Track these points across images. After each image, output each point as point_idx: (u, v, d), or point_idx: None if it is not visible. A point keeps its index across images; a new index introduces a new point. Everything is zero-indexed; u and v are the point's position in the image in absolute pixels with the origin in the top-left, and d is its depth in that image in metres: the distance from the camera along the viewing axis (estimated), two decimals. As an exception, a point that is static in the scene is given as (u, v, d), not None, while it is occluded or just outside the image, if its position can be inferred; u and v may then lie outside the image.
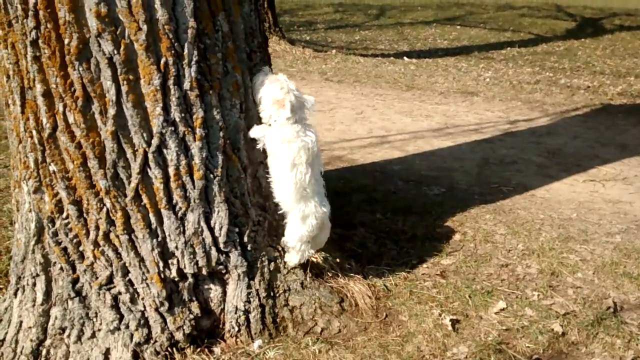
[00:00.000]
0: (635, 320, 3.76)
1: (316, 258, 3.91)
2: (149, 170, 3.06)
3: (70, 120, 2.93)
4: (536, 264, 4.50)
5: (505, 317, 3.81)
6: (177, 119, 3.05)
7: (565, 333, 3.65)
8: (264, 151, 3.45)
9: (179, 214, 3.14)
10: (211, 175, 3.19)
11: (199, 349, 3.32)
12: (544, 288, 4.15)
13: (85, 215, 3.09)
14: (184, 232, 3.17)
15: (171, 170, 3.09)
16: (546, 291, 4.11)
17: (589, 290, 4.14)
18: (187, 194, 3.14)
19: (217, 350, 3.36)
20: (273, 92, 3.31)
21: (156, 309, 3.18)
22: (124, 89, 2.91)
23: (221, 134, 3.22)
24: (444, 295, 4.06)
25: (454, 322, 3.73)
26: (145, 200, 3.07)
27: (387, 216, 5.40)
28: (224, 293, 3.41)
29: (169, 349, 3.23)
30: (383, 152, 7.46)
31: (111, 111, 2.93)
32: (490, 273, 4.39)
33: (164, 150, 3.07)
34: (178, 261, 3.19)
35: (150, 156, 3.03)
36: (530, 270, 4.43)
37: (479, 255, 4.68)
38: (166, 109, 3.02)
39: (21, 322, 3.28)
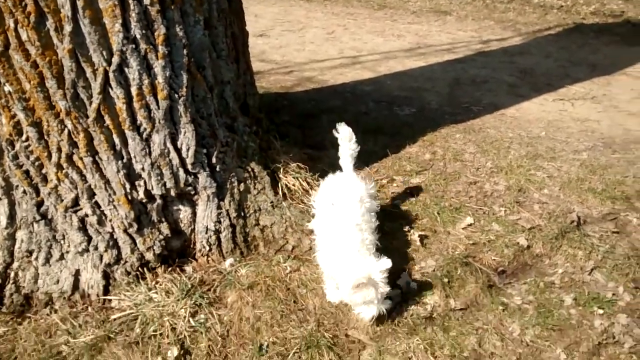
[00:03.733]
0: (597, 233, 3.88)
1: (287, 179, 3.90)
2: (110, 90, 2.95)
3: (24, 37, 2.78)
4: (504, 181, 4.57)
5: (473, 232, 3.89)
6: (138, 36, 2.91)
7: (530, 246, 3.75)
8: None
9: (144, 135, 3.06)
10: (176, 95, 3.10)
11: (170, 269, 3.34)
12: (510, 204, 4.23)
13: (46, 137, 2.99)
14: (149, 154, 3.10)
15: (134, 90, 2.99)
16: (513, 207, 4.19)
17: (555, 205, 4.23)
18: (152, 115, 3.05)
19: (188, 269, 3.39)
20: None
21: (125, 230, 3.16)
22: (80, 3, 2.75)
23: (185, 51, 3.10)
24: (413, 212, 4.11)
25: (423, 238, 3.80)
26: (108, 121, 2.98)
27: (358, 137, 5.32)
28: (194, 214, 3.40)
29: (139, 269, 3.24)
30: (354, 73, 7.35)
31: (67, 28, 2.77)
32: (459, 190, 4.45)
33: (125, 69, 2.95)
34: (145, 183, 3.15)
35: (111, 75, 2.92)
36: (498, 187, 4.50)
37: (448, 173, 4.73)
38: (126, 26, 2.88)
39: (-13, 246, 3.24)
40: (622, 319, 3.16)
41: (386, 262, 2.84)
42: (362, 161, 4.80)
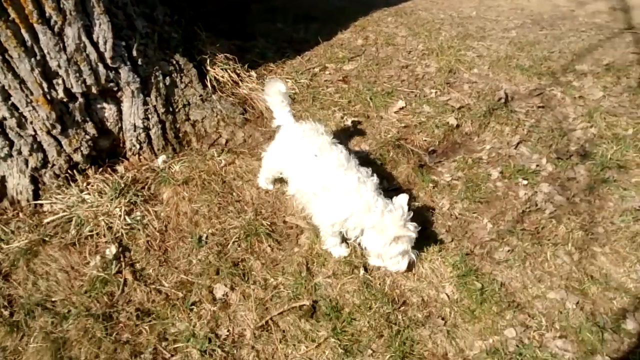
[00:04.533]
0: (523, 108, 4.00)
1: (215, 71, 3.79)
2: (9, -22, 2.70)
3: None
4: (435, 63, 4.59)
5: (405, 115, 3.94)
6: None
7: (459, 125, 3.84)
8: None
9: (56, 29, 2.85)
10: (85, -17, 2.88)
11: (101, 169, 3.26)
12: (441, 85, 4.27)
13: (-57, 36, 2.76)
14: (64, 49, 2.91)
15: (37, -22, 2.75)
16: (443, 88, 4.24)
17: (484, 84, 4.31)
18: (61, 6, 2.82)
19: (120, 168, 3.32)
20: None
21: (48, 132, 3.03)
22: None
23: None
24: (346, 99, 4.11)
25: (356, 124, 3.82)
26: (12, 14, 2.74)
27: (288, 25, 5.23)
28: (120, 111, 3.28)
29: (69, 171, 3.15)
30: (282, -42, 7.02)
31: None
32: (391, 75, 4.45)
33: (25, -45, 2.70)
34: (63, 81, 2.98)
35: (8, -38, 2.66)
36: (429, 69, 4.52)
37: (380, 58, 4.70)
38: None
39: None
40: (544, 188, 3.34)
41: (403, 197, 2.71)
42: (294, 50, 4.72)
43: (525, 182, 3.39)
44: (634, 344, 2.55)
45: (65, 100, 3.03)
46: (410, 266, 2.81)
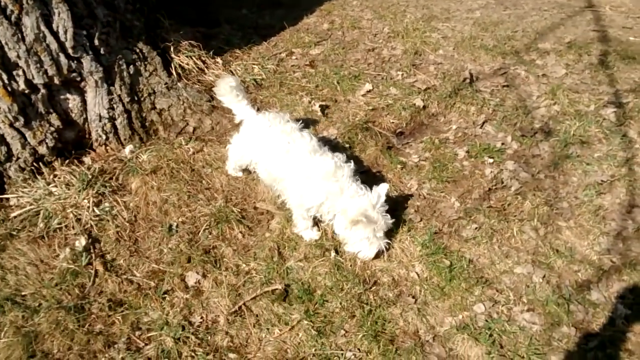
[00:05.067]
0: (488, 88, 4.05)
1: (180, 58, 3.76)
2: (-39, -34, 2.63)
3: None
4: (401, 45, 4.61)
5: (372, 98, 3.96)
6: None
7: (426, 106, 3.88)
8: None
9: (13, 18, 2.79)
10: (42, -30, 2.82)
11: (67, 161, 3.22)
12: (407, 67, 4.30)
13: None
14: (23, 39, 2.85)
15: (-11, -34, 2.68)
16: (409, 70, 4.27)
17: (449, 65, 4.35)
18: (17, -5, 2.78)
19: (87, 160, 3.28)
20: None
21: (11, 125, 2.98)
22: None
23: None
24: (314, 84, 4.11)
25: (324, 108, 3.83)
26: (-35, 4, 2.69)
27: (254, 11, 5.21)
28: (84, 102, 3.23)
29: (34, 164, 3.10)
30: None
31: None
32: (358, 58, 4.46)
33: (-25, -59, 2.63)
34: (24, 72, 2.92)
35: (-42, -50, 2.59)
36: (395, 51, 4.54)
37: (347, 42, 4.71)
38: None
39: None
40: (509, 165, 3.41)
41: (383, 187, 2.75)
42: (260, 36, 4.69)
43: (491, 160, 3.45)
44: (598, 314, 2.63)
45: (27, 91, 2.97)
46: (378, 254, 2.82)
